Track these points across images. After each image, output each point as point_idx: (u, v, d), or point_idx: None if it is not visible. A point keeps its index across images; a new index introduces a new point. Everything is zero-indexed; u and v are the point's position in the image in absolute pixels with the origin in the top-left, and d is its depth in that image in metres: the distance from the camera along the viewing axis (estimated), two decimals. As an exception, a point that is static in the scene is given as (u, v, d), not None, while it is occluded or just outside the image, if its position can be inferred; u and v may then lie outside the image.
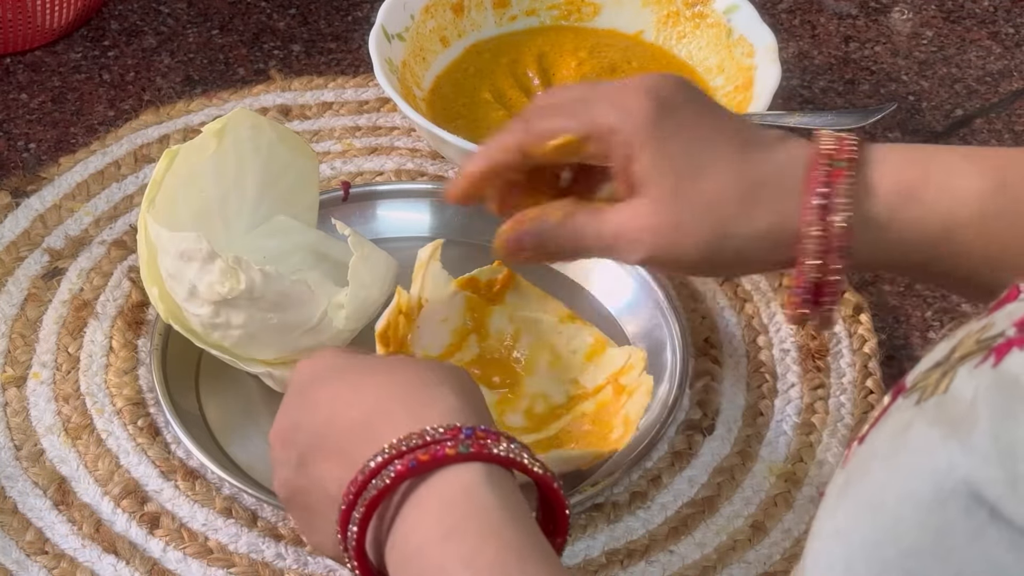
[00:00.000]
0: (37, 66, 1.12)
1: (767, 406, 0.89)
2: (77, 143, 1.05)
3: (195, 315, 0.83)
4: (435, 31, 1.08)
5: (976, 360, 0.49)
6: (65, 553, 0.81)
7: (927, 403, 0.50)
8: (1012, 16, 1.21)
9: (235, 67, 1.13)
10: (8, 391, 0.89)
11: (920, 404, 0.50)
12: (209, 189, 0.88)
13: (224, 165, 0.88)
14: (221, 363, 0.87)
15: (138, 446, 0.86)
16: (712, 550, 0.82)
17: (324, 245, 0.91)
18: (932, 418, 0.49)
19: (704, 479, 0.86)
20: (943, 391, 0.49)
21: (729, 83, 1.05)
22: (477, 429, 0.63)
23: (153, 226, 0.83)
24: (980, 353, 0.49)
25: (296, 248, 0.91)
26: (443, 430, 0.63)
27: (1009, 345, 0.48)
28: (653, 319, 0.91)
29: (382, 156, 1.05)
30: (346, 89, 1.10)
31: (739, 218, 0.72)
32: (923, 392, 0.50)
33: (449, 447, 0.62)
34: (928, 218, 0.70)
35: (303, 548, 0.81)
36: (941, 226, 0.70)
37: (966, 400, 0.48)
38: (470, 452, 0.62)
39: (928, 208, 0.70)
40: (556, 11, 1.11)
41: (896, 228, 0.71)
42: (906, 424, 0.50)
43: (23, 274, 0.95)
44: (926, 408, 0.50)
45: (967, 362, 0.49)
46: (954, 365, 0.50)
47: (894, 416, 0.52)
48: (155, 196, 0.85)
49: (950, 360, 0.51)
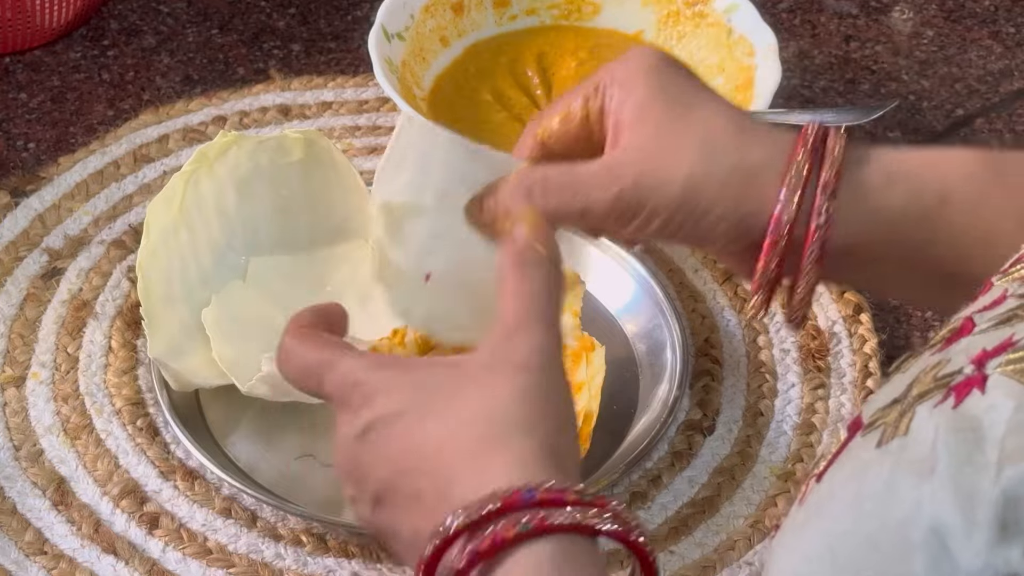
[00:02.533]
0: (36, 66, 1.11)
1: (767, 406, 0.89)
2: (76, 143, 1.05)
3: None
4: (435, 31, 1.08)
5: (935, 399, 0.48)
6: (64, 553, 0.81)
7: (889, 446, 0.49)
8: (1013, 16, 1.21)
9: (235, 67, 1.12)
10: (7, 391, 0.89)
11: (881, 447, 0.49)
12: (294, 194, 0.89)
13: (310, 175, 0.89)
14: (220, 363, 0.88)
15: (137, 446, 0.86)
16: (712, 550, 0.82)
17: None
18: (894, 462, 0.48)
19: (704, 479, 0.86)
20: (904, 432, 0.48)
21: (729, 83, 1.05)
22: (539, 491, 0.57)
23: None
24: (939, 391, 0.48)
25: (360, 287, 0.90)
26: (501, 500, 0.57)
27: (968, 385, 0.48)
28: (653, 319, 0.91)
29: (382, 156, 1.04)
30: (346, 89, 1.10)
31: (729, 148, 0.69)
32: (883, 432, 0.49)
33: (509, 528, 0.56)
34: (923, 189, 0.68)
35: (303, 548, 0.81)
36: (937, 196, 0.68)
37: (927, 442, 0.47)
38: (530, 529, 0.56)
39: (922, 181, 0.68)
40: (556, 11, 1.11)
41: (892, 195, 0.68)
42: (865, 465, 0.49)
43: (22, 274, 0.95)
44: (888, 451, 0.49)
45: (926, 400, 0.49)
46: (912, 404, 0.49)
47: (853, 455, 0.51)
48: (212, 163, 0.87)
49: (908, 398, 0.50)
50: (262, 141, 0.89)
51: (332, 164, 0.90)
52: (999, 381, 0.47)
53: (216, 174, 0.88)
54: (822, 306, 0.95)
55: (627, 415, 0.87)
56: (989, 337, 0.50)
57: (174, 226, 0.87)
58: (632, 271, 0.93)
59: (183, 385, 0.86)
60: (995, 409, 0.47)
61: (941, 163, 0.69)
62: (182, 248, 0.87)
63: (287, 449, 0.85)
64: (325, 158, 0.90)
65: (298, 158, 0.89)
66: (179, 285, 0.87)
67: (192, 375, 0.85)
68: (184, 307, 0.87)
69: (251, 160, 0.89)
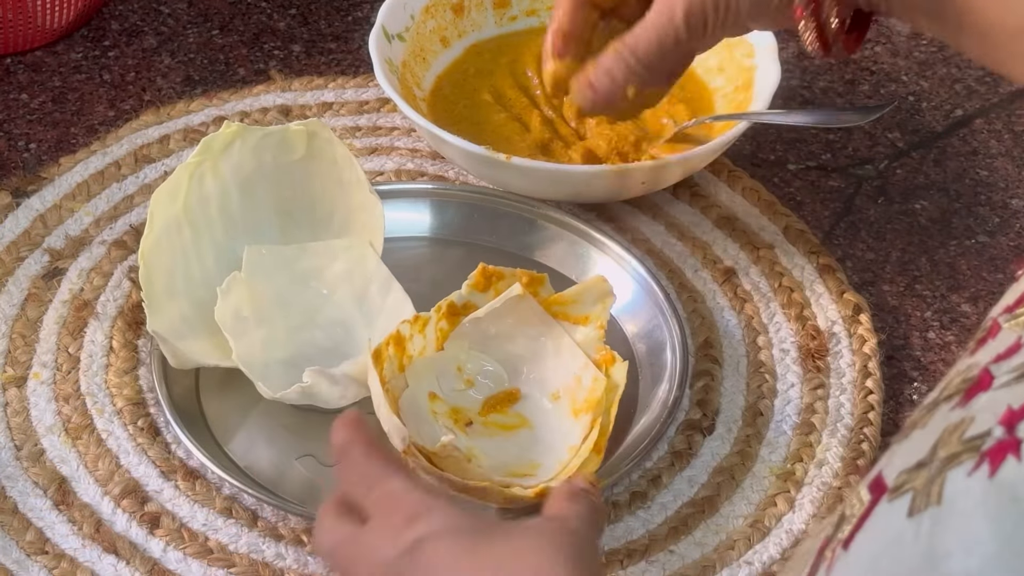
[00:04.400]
0: (37, 66, 1.12)
1: (767, 406, 0.89)
2: (77, 143, 1.05)
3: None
4: (435, 31, 1.08)
5: (968, 465, 0.47)
6: (65, 553, 0.81)
7: (923, 516, 0.47)
8: (1012, 16, 1.21)
9: (235, 67, 1.13)
10: (8, 391, 0.89)
11: (914, 516, 0.48)
12: (296, 191, 0.91)
13: (312, 172, 0.90)
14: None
15: (138, 446, 0.86)
16: (712, 550, 0.82)
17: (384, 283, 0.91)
18: (931, 535, 0.47)
19: (704, 479, 0.86)
20: (936, 501, 0.47)
21: (729, 83, 1.05)
22: None
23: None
24: (969, 456, 0.47)
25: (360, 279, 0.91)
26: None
27: (1002, 451, 0.47)
28: (653, 319, 0.91)
29: (382, 156, 1.05)
30: (346, 89, 1.10)
31: None
32: (914, 499, 0.48)
33: None
34: None
35: (303, 548, 0.81)
36: None
37: (966, 514, 0.46)
38: None
39: None
40: (556, 11, 1.11)
41: None
42: (898, 537, 0.48)
43: (23, 274, 0.95)
44: (922, 522, 0.47)
45: (957, 466, 0.47)
46: (941, 468, 0.48)
47: (882, 524, 0.49)
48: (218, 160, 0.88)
49: (935, 460, 0.49)
50: (266, 134, 0.90)
51: (333, 160, 0.91)
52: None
53: (220, 172, 0.88)
54: (822, 306, 0.95)
55: (627, 415, 0.87)
56: (1013, 393, 0.49)
57: (178, 222, 0.87)
58: (632, 271, 0.93)
59: (181, 362, 0.86)
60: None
61: None
62: (185, 245, 0.88)
63: (288, 449, 0.85)
64: (327, 153, 0.91)
65: (300, 156, 0.90)
66: (181, 280, 0.87)
67: (191, 352, 0.86)
68: (185, 301, 0.87)
69: (255, 158, 0.89)
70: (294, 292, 0.90)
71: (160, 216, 0.87)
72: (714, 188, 1.03)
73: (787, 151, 1.08)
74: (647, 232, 1.00)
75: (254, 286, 0.88)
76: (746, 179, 1.04)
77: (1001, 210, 1.04)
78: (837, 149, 1.08)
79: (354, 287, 0.90)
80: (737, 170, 1.05)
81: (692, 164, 0.98)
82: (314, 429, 0.86)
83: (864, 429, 0.88)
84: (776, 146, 1.08)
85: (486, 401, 0.86)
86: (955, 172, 1.07)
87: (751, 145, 1.07)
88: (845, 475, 0.86)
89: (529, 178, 0.96)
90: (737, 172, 1.04)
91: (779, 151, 1.08)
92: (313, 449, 0.85)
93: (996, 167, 1.08)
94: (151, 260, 0.86)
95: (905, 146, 1.09)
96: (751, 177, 1.04)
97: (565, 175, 0.96)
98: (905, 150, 1.09)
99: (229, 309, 0.87)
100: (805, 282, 0.97)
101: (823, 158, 1.08)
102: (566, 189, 0.97)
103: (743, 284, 0.96)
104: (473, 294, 0.86)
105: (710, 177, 1.04)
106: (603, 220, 1.00)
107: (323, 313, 0.90)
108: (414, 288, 0.90)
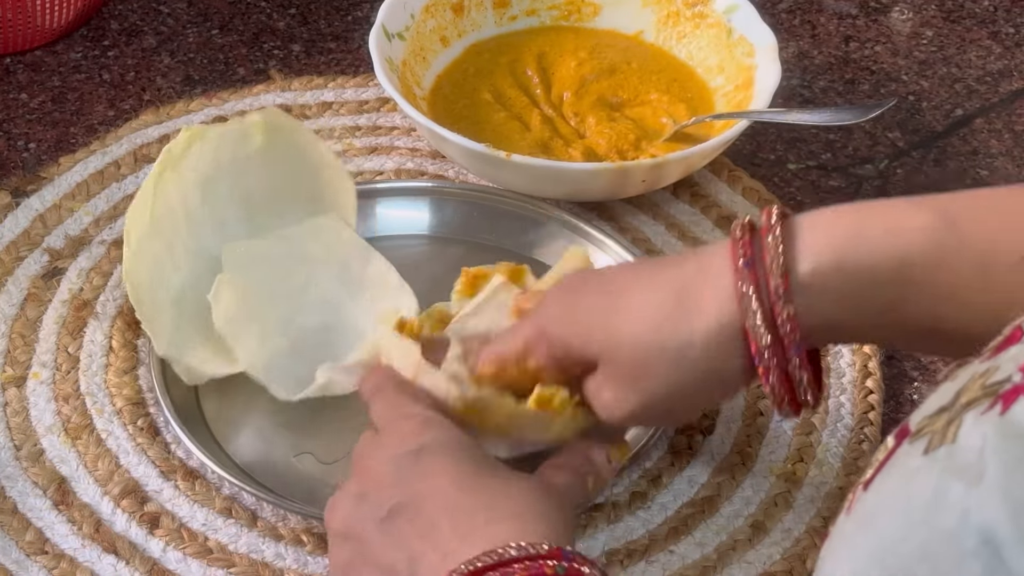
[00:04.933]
0: (37, 66, 1.12)
1: (766, 406, 0.89)
2: (77, 143, 1.05)
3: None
4: (435, 31, 1.08)
5: (983, 407, 0.48)
6: (65, 553, 0.81)
7: (936, 453, 0.48)
8: (1012, 16, 1.21)
9: (235, 67, 1.13)
10: (8, 391, 0.89)
11: (929, 454, 0.49)
12: (258, 182, 0.91)
13: (272, 160, 0.91)
14: (221, 363, 0.88)
15: (138, 446, 0.86)
16: (712, 550, 0.82)
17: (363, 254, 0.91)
18: (942, 469, 0.48)
19: (704, 479, 0.86)
20: (951, 440, 0.48)
21: (729, 83, 1.05)
22: (575, 555, 0.64)
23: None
24: (987, 399, 0.48)
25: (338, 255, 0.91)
26: (547, 547, 0.64)
27: (1016, 392, 0.47)
28: (653, 319, 0.91)
29: (382, 156, 1.05)
30: (346, 89, 1.10)
31: (679, 324, 0.71)
32: (931, 440, 0.49)
33: (548, 567, 0.63)
34: (878, 259, 0.67)
35: (303, 548, 0.81)
36: (894, 266, 0.67)
37: (975, 449, 0.47)
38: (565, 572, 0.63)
39: (876, 247, 0.67)
40: (556, 11, 1.11)
41: (847, 274, 0.68)
42: (913, 473, 0.49)
43: (23, 274, 0.95)
44: (936, 458, 0.48)
45: (973, 408, 0.48)
46: (960, 412, 0.49)
47: (900, 463, 0.50)
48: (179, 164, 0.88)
49: (955, 405, 0.49)
50: (224, 132, 0.90)
51: (293, 145, 0.92)
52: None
53: (182, 176, 0.89)
54: (822, 306, 0.95)
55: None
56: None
57: (148, 236, 0.88)
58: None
59: (195, 378, 0.87)
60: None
61: (894, 227, 0.68)
62: (159, 257, 0.88)
63: (287, 448, 0.85)
64: (286, 139, 0.91)
65: (257, 146, 0.91)
66: (164, 291, 0.88)
67: (201, 365, 0.86)
68: (174, 312, 0.87)
69: (213, 157, 0.90)
70: (277, 282, 0.90)
71: (135, 232, 0.87)
72: (714, 187, 1.03)
73: (787, 150, 1.08)
74: (647, 231, 1.00)
75: (238, 284, 0.88)
76: (746, 179, 1.04)
77: (1001, 209, 1.04)
78: (837, 149, 1.08)
79: (333, 264, 0.91)
80: (737, 169, 1.04)
81: (692, 162, 0.98)
82: (313, 427, 0.86)
83: (864, 429, 0.88)
84: (776, 145, 1.08)
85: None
86: (955, 172, 1.07)
87: (751, 145, 1.07)
88: (845, 475, 0.86)
89: (529, 176, 0.96)
90: (737, 172, 1.04)
91: (779, 150, 1.08)
92: (312, 447, 0.85)
93: (996, 167, 1.08)
94: (134, 279, 0.87)
95: (905, 146, 1.09)
96: (751, 177, 1.04)
97: (565, 172, 0.96)
98: (905, 150, 1.09)
99: (222, 314, 0.87)
100: (805, 282, 0.96)
101: (823, 157, 1.08)
102: (566, 187, 0.97)
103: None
104: (463, 301, 0.84)
105: (710, 176, 1.04)
106: (603, 219, 1.00)
107: (308, 296, 0.90)
108: (414, 287, 0.90)
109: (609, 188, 0.97)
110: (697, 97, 1.05)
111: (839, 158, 1.08)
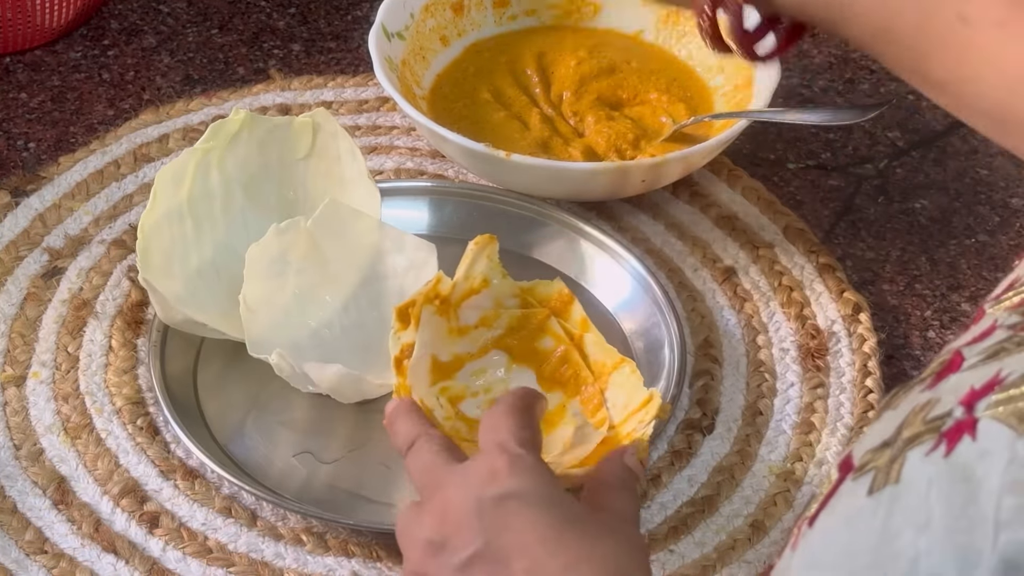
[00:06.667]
0: (37, 65, 1.12)
1: (767, 405, 0.89)
2: (77, 142, 1.05)
3: None
4: (435, 30, 1.08)
5: (927, 446, 0.48)
6: (64, 552, 0.81)
7: (881, 494, 0.48)
8: (1012, 15, 1.21)
9: (235, 66, 1.13)
10: (8, 390, 0.89)
11: (873, 495, 0.48)
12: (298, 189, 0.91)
13: (315, 169, 0.92)
14: (220, 362, 0.88)
15: (137, 445, 0.86)
16: (712, 549, 0.82)
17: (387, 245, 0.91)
18: (887, 513, 0.47)
19: (704, 478, 0.86)
20: (895, 480, 0.48)
21: (729, 82, 1.05)
22: None
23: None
24: (930, 436, 0.48)
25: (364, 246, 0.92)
26: None
27: (959, 431, 0.47)
28: (651, 317, 0.91)
29: (382, 155, 1.05)
30: (346, 88, 1.10)
31: None
32: (875, 477, 0.49)
33: None
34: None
35: (303, 547, 0.81)
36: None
37: (920, 494, 0.47)
38: None
39: None
40: (556, 11, 1.11)
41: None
42: (857, 513, 0.49)
43: (23, 273, 0.95)
44: (880, 500, 0.48)
45: (917, 446, 0.48)
46: (903, 448, 0.49)
47: (844, 500, 0.50)
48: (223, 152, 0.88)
49: (898, 441, 0.49)
50: (273, 127, 0.90)
51: (337, 157, 0.92)
52: (989, 427, 0.47)
53: (226, 168, 0.89)
54: (821, 306, 0.95)
55: (627, 414, 0.87)
56: (977, 374, 0.50)
57: (180, 212, 0.88)
58: (630, 269, 0.93)
59: (168, 314, 0.86)
60: (987, 456, 0.46)
61: None
62: (186, 235, 0.88)
63: (287, 447, 0.85)
64: (331, 150, 0.92)
65: (305, 154, 0.91)
66: (178, 266, 0.87)
67: (179, 303, 0.86)
68: (179, 283, 0.87)
69: (261, 156, 0.90)
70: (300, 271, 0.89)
71: (163, 198, 0.87)
72: (714, 187, 1.03)
73: (787, 150, 1.08)
74: (647, 231, 1.00)
75: (317, 239, 0.88)
76: (746, 178, 1.04)
77: (1001, 209, 1.04)
78: (837, 148, 1.08)
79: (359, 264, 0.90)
80: (737, 169, 1.05)
81: (692, 162, 0.98)
82: (313, 426, 0.86)
83: (864, 428, 0.88)
84: (776, 145, 1.08)
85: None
86: (955, 171, 1.07)
87: (751, 144, 1.07)
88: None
89: (529, 175, 0.96)
90: (737, 171, 1.04)
91: (779, 150, 1.08)
92: (311, 446, 0.85)
93: (996, 166, 1.08)
94: (151, 238, 0.87)
95: (905, 145, 1.09)
96: (751, 176, 1.04)
97: (565, 172, 0.96)
98: (905, 149, 1.09)
99: (272, 248, 0.86)
100: (805, 281, 0.96)
101: (823, 157, 1.08)
102: (566, 186, 0.97)
103: (743, 283, 0.96)
104: (400, 335, 0.82)
105: (710, 176, 1.04)
106: (603, 219, 1.00)
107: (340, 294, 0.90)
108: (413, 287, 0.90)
109: (609, 188, 0.97)
110: (696, 96, 1.05)
111: (839, 158, 1.08)
